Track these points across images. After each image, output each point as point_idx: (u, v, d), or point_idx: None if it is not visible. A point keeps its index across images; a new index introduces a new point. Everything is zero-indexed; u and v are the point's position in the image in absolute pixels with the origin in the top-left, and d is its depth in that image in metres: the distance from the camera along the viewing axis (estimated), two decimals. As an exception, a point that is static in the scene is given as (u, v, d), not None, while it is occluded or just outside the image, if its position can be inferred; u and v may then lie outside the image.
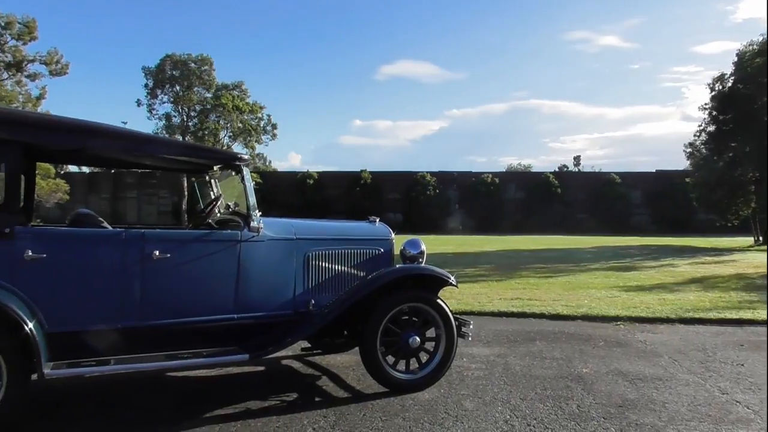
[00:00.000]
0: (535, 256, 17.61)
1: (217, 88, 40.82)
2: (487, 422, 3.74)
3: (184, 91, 39.95)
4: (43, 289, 3.47)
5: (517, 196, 42.50)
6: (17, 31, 34.20)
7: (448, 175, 42.98)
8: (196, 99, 40.33)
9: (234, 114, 39.62)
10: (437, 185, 41.41)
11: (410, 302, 4.39)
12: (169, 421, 3.73)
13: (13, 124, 3.52)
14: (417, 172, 42.36)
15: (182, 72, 39.59)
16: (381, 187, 41.29)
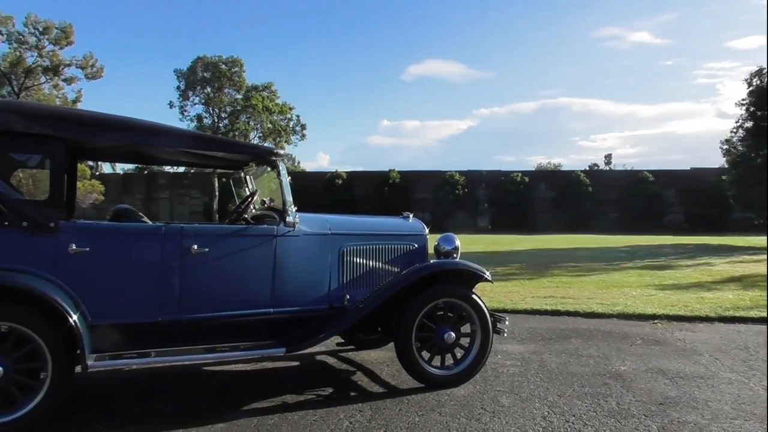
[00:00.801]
0: (567, 255, 17.39)
1: (247, 90, 41.30)
2: (525, 418, 3.70)
3: (215, 93, 40.51)
4: (85, 282, 3.54)
5: (547, 195, 42.10)
6: (54, 36, 35.12)
7: (476, 175, 42.76)
8: (227, 100, 40.86)
9: (264, 115, 40.02)
10: (466, 184, 41.23)
11: (445, 297, 4.37)
12: (207, 413, 3.77)
13: (58, 120, 3.60)
14: (445, 171, 42.25)
15: (213, 74, 40.14)
16: (409, 186, 41.29)
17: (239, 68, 40.79)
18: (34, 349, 3.34)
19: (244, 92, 41.14)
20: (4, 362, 3.26)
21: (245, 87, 41.29)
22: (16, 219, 3.39)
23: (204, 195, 40.98)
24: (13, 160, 3.70)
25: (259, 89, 41.84)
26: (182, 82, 40.74)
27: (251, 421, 3.63)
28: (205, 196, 40.53)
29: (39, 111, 3.89)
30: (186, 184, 42.98)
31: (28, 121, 3.45)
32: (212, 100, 40.49)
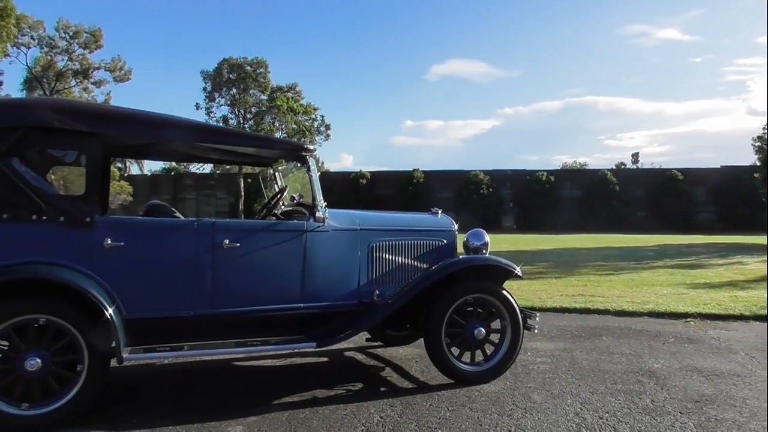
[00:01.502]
0: (594, 254, 17.17)
1: (272, 90, 41.57)
2: (557, 414, 3.66)
3: (240, 94, 40.86)
4: (120, 276, 3.60)
5: (573, 195, 41.56)
6: (84, 40, 35.83)
7: (501, 174, 42.43)
8: (252, 101, 41.18)
9: (288, 115, 40.25)
10: (490, 184, 40.93)
11: (475, 293, 4.34)
12: (239, 406, 3.80)
13: (94, 117, 3.66)
14: (470, 170, 41.99)
15: (239, 75, 40.49)
16: (433, 186, 41.11)
17: (264, 69, 41.08)
18: (71, 341, 3.40)
19: (268, 93, 41.41)
20: (42, 354, 3.33)
21: (270, 88, 41.56)
22: (54, 213, 3.45)
23: (230, 195, 41.33)
24: (51, 156, 3.77)
25: (284, 90, 42.11)
26: (208, 83, 41.19)
27: (282, 414, 3.65)
28: (231, 197, 40.87)
29: (76, 108, 3.96)
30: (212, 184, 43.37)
31: (65, 118, 3.51)
32: (237, 101, 40.85)
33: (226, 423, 3.50)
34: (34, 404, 3.33)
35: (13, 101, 4.50)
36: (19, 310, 3.31)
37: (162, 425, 3.44)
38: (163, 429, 3.39)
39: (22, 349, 3.32)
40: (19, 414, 3.30)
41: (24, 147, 3.49)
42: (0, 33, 21.54)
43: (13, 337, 3.31)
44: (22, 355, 3.31)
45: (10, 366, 3.31)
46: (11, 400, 3.29)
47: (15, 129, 3.40)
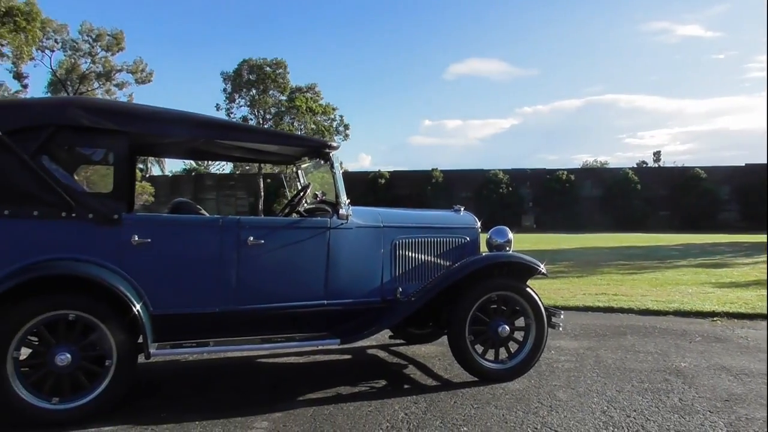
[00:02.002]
0: (616, 253, 16.99)
1: (291, 91, 41.78)
2: (584, 412, 3.62)
3: (260, 95, 41.12)
4: (148, 273, 3.63)
5: (593, 193, 41.20)
6: (107, 43, 36.32)
7: (520, 173, 42.18)
8: (271, 102, 41.44)
9: (308, 116, 40.44)
10: (510, 183, 40.73)
11: (499, 290, 4.32)
12: (264, 402, 3.82)
13: (121, 115, 3.71)
14: (489, 170, 41.83)
15: (258, 76, 40.75)
16: (452, 185, 41.01)
17: (283, 70, 41.29)
18: (100, 337, 3.45)
19: (288, 93, 41.65)
20: (72, 350, 3.38)
21: (289, 88, 41.79)
22: (83, 211, 3.50)
23: (250, 195, 41.67)
24: (80, 154, 3.83)
25: (303, 90, 42.32)
26: (228, 84, 41.53)
27: (307, 410, 3.66)
28: (251, 197, 41.21)
29: (104, 106, 4.02)
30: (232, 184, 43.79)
31: (94, 116, 3.56)
32: (257, 102, 41.12)
33: (252, 418, 3.52)
34: (64, 399, 3.38)
35: (43, 100, 4.59)
36: (50, 306, 3.36)
37: (188, 420, 3.47)
38: (189, 424, 3.42)
39: (52, 344, 3.37)
40: (49, 408, 3.35)
41: (54, 145, 3.54)
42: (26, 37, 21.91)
43: (43, 333, 3.37)
44: (52, 350, 3.36)
45: (41, 361, 3.37)
46: (42, 395, 3.35)
47: (45, 128, 3.46)
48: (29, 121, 3.47)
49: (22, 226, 3.43)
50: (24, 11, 21.34)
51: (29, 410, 3.31)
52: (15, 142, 3.38)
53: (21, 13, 21.25)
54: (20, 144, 3.39)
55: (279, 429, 3.35)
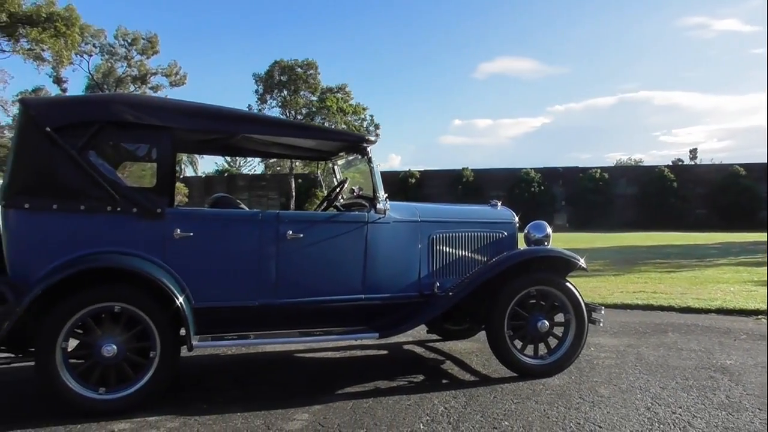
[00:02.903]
0: (653, 252, 16.68)
1: (322, 92, 42.04)
2: (627, 408, 3.56)
3: (291, 95, 41.46)
4: (189, 266, 3.69)
5: (628, 192, 40.49)
6: (142, 47, 37.08)
7: (553, 171, 41.70)
8: (303, 102, 41.73)
9: (338, 116, 40.64)
10: (542, 182, 40.29)
11: (538, 285, 4.27)
12: (303, 395, 3.85)
13: (164, 111, 3.77)
14: (521, 168, 41.46)
15: (290, 77, 41.09)
16: (483, 184, 40.75)
17: (314, 71, 41.57)
18: (144, 329, 3.51)
19: (318, 94, 41.92)
20: (117, 341, 3.45)
21: (320, 89, 42.05)
22: (128, 205, 3.57)
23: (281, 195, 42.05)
24: (124, 149, 3.92)
25: (334, 90, 42.54)
26: (260, 86, 41.96)
27: (347, 404, 3.67)
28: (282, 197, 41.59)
29: (147, 102, 4.10)
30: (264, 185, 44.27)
31: (138, 112, 3.63)
32: (288, 103, 41.46)
33: (293, 410, 3.54)
34: (109, 389, 3.45)
35: (89, 97, 4.70)
36: (96, 298, 3.43)
37: (230, 412, 3.51)
38: (232, 415, 3.46)
39: (98, 335, 3.44)
40: (96, 398, 3.42)
41: (100, 141, 3.62)
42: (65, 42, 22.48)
43: (90, 324, 3.44)
44: (98, 341, 3.43)
45: (88, 352, 3.45)
46: (89, 385, 3.42)
47: (92, 124, 3.54)
48: (76, 118, 3.55)
49: (69, 220, 3.51)
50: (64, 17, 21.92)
51: (77, 400, 3.39)
52: (63, 138, 3.46)
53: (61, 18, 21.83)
54: (68, 140, 3.47)
55: (320, 421, 3.37)
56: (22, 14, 21.62)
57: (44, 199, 3.46)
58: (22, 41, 22.71)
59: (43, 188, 3.48)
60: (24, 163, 3.52)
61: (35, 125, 3.46)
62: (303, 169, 41.62)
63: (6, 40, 22.77)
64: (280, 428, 3.26)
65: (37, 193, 3.47)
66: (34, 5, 22.04)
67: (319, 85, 42.17)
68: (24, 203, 3.44)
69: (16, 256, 3.48)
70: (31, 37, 21.89)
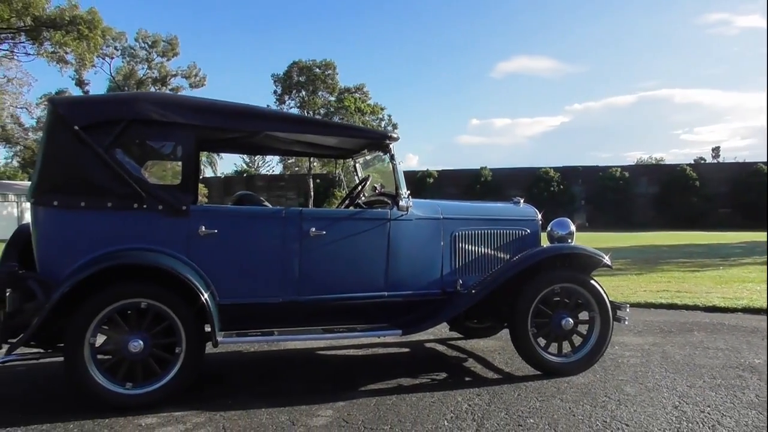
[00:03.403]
0: (676, 251, 16.49)
1: (340, 92, 42.19)
2: (654, 407, 3.51)
3: (310, 96, 41.65)
4: (214, 263, 3.71)
5: (649, 191, 40.07)
6: (162, 49, 37.47)
7: (572, 170, 41.42)
8: (321, 102, 41.92)
9: (356, 116, 40.73)
10: (561, 181, 40.04)
11: (562, 283, 4.23)
12: (327, 392, 3.85)
13: (189, 109, 3.79)
14: (539, 167, 41.23)
15: (308, 77, 41.29)
16: (502, 184, 40.60)
17: (332, 71, 41.74)
18: (170, 325, 3.54)
19: (337, 94, 42.07)
20: (144, 337, 3.49)
21: (338, 89, 42.20)
22: (153, 202, 3.61)
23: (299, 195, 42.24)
24: (150, 147, 3.95)
25: (352, 91, 42.65)
26: (278, 86, 42.20)
27: (370, 400, 3.67)
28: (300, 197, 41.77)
29: (172, 100, 4.14)
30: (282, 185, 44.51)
31: (163, 110, 3.66)
32: (307, 103, 41.66)
33: (316, 407, 3.55)
34: (136, 384, 3.49)
35: (116, 96, 4.75)
36: (123, 295, 3.47)
37: (255, 407, 3.53)
38: (256, 411, 3.48)
39: (125, 331, 3.48)
40: (122, 393, 3.46)
41: (126, 139, 3.66)
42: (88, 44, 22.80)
43: (117, 320, 3.48)
44: (125, 337, 3.47)
45: (115, 347, 3.49)
46: (116, 380, 3.46)
47: (118, 122, 3.58)
48: (103, 116, 3.60)
49: (96, 217, 3.56)
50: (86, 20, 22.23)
51: (104, 394, 3.43)
52: (90, 136, 3.51)
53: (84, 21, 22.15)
54: (95, 138, 3.52)
55: (344, 417, 3.38)
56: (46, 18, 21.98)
57: (72, 197, 3.51)
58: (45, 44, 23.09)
59: (71, 186, 3.53)
60: (52, 162, 3.57)
61: (63, 124, 3.51)
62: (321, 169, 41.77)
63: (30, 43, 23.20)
64: (304, 424, 3.27)
65: (66, 190, 3.51)
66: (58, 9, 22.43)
67: (337, 86, 42.33)
68: (53, 201, 3.49)
69: (45, 253, 3.53)
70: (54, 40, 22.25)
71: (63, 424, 3.25)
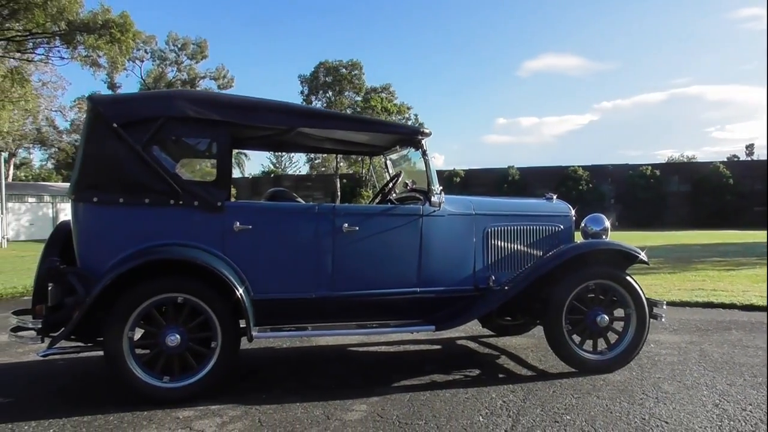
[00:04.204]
0: (710, 250, 16.14)
1: (366, 91, 42.28)
2: (694, 405, 3.45)
3: (336, 96, 41.83)
4: (248, 258, 3.75)
5: (681, 189, 39.32)
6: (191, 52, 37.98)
7: (601, 169, 40.84)
8: (347, 102, 42.07)
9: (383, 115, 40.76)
10: (590, 179, 39.51)
11: (596, 279, 4.17)
12: (360, 387, 3.87)
13: (224, 106, 3.83)
14: (568, 166, 40.75)
15: (334, 78, 41.48)
16: (529, 183, 40.20)
17: (359, 71, 41.87)
18: (206, 319, 3.59)
19: (363, 94, 42.17)
20: (180, 331, 3.54)
21: (364, 89, 42.30)
22: (189, 198, 3.66)
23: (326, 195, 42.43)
24: (185, 144, 4.01)
25: (378, 90, 42.71)
26: (305, 87, 42.48)
27: (404, 396, 3.67)
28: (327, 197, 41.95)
29: (208, 97, 4.18)
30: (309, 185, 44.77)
31: (199, 108, 3.71)
32: (333, 103, 41.84)
33: (350, 402, 3.56)
34: (173, 378, 3.54)
35: (154, 93, 4.81)
36: (160, 289, 3.53)
37: (289, 402, 3.56)
38: (291, 405, 3.50)
39: (162, 325, 3.54)
40: (160, 386, 3.52)
41: (163, 136, 3.72)
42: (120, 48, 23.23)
43: (154, 315, 3.54)
44: (163, 331, 3.53)
45: (153, 341, 3.54)
46: (154, 373, 3.52)
47: (156, 119, 3.63)
48: (141, 114, 3.65)
49: (134, 213, 3.62)
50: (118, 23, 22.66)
51: (142, 388, 3.49)
52: (128, 133, 3.57)
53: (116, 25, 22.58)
54: (133, 135, 3.58)
55: (378, 412, 3.38)
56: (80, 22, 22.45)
57: (111, 194, 3.58)
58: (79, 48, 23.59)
59: (110, 183, 3.59)
60: (92, 159, 3.63)
61: (102, 122, 3.57)
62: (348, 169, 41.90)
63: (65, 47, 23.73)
64: (339, 418, 3.29)
65: (105, 187, 3.58)
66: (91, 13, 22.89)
67: (364, 85, 42.42)
68: (92, 197, 3.56)
69: (85, 248, 3.61)
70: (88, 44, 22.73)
71: (103, 416, 3.31)
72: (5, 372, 4.38)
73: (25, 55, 24.51)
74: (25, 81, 24.55)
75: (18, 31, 22.69)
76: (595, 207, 34.67)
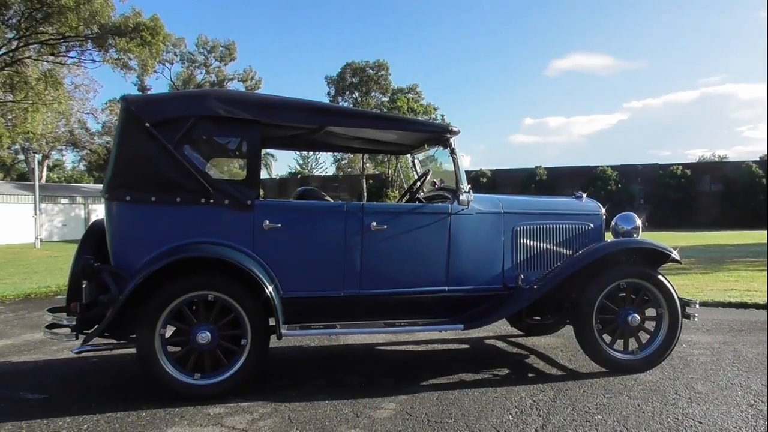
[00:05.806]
0: (743, 250, 15.80)
1: (392, 92, 42.25)
2: (728, 405, 3.38)
3: (363, 97, 41.90)
4: (278, 257, 3.78)
5: (712, 189, 38.55)
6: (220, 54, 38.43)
7: (631, 169, 40.24)
8: (374, 103, 42.09)
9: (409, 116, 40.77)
10: (619, 180, 38.96)
11: (628, 278, 4.12)
12: (388, 386, 3.87)
13: (254, 105, 3.87)
14: (596, 166, 40.24)
15: (361, 78, 41.56)
16: (557, 183, 39.77)
17: (385, 72, 41.88)
18: (236, 317, 3.63)
19: (389, 95, 42.16)
20: (211, 328, 3.58)
21: (391, 89, 42.29)
22: (220, 197, 3.70)
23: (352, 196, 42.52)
24: (216, 143, 4.06)
25: (404, 91, 42.67)
26: (332, 88, 42.65)
27: (432, 395, 3.67)
28: (354, 197, 42.04)
29: (239, 97, 4.22)
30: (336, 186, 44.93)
31: (230, 107, 3.75)
32: (360, 104, 41.90)
33: (379, 400, 3.57)
34: (204, 375, 3.59)
35: (185, 93, 4.88)
36: (192, 287, 3.58)
37: (318, 399, 3.58)
38: (320, 403, 3.52)
39: (194, 323, 3.59)
40: (191, 383, 3.56)
41: (194, 135, 3.77)
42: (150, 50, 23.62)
43: (185, 312, 3.59)
44: (194, 328, 3.57)
45: (184, 338, 3.59)
46: (185, 370, 3.57)
47: (187, 119, 3.68)
48: (173, 113, 3.71)
49: (166, 212, 3.68)
50: (149, 26, 23.06)
51: (174, 384, 3.54)
52: (160, 132, 3.63)
53: (146, 28, 22.98)
54: (165, 134, 3.63)
55: (407, 410, 3.38)
56: (112, 25, 22.89)
57: (143, 192, 3.63)
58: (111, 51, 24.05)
59: (143, 181, 3.65)
60: (125, 158, 3.70)
61: (135, 121, 3.63)
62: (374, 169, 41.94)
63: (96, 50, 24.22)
64: (368, 416, 3.30)
65: (137, 186, 3.64)
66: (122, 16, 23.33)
67: (390, 86, 42.41)
68: (125, 196, 3.62)
69: (118, 246, 3.68)
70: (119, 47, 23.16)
71: (136, 412, 3.37)
72: (40, 369, 4.48)
73: (58, 58, 25.05)
74: (58, 84, 25.08)
75: (51, 35, 23.21)
76: (624, 207, 34.26)
